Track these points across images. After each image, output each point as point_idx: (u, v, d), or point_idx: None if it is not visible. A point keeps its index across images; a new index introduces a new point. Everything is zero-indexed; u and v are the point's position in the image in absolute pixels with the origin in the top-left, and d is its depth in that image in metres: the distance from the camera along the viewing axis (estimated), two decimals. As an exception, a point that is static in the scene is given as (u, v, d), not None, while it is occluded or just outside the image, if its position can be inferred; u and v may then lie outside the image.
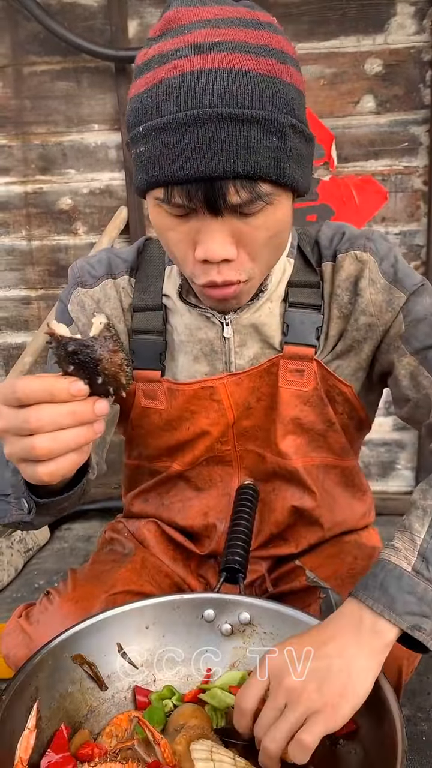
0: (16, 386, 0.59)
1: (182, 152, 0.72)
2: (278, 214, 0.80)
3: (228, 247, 0.78)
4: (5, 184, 2.23)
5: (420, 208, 2.13)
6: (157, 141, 0.74)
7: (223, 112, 0.71)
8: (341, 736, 0.74)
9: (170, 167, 0.74)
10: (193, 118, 0.71)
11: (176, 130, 0.72)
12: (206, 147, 0.72)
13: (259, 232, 0.79)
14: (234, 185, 0.73)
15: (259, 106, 0.72)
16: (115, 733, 0.78)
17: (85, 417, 0.60)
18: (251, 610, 0.86)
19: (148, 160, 0.76)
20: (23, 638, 0.94)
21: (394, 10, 1.99)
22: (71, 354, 0.59)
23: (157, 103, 0.74)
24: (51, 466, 0.61)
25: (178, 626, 0.87)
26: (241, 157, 0.72)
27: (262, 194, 0.75)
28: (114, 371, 0.60)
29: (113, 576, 1.02)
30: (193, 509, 1.09)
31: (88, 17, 2.07)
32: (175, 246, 0.82)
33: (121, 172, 2.17)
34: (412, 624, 0.72)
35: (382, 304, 0.94)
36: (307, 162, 0.82)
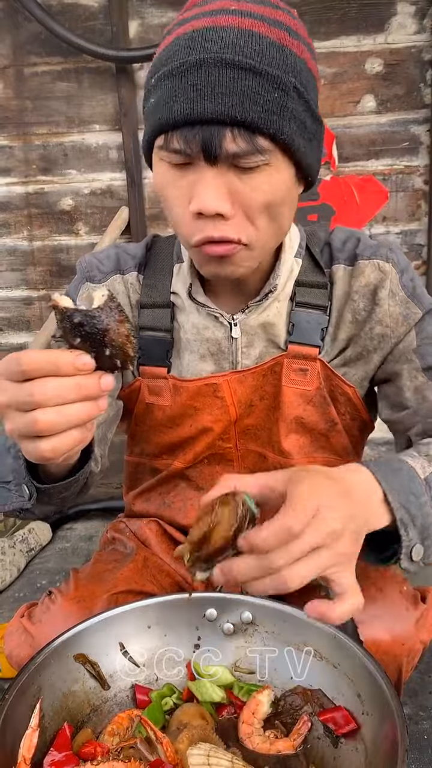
0: (21, 359, 0.57)
1: (184, 94, 0.74)
2: (277, 178, 0.79)
3: (222, 202, 0.77)
4: (7, 185, 2.23)
5: (421, 208, 2.13)
6: (165, 87, 0.76)
7: (228, 58, 0.72)
8: (343, 734, 0.74)
9: (171, 109, 0.75)
10: (198, 61, 0.73)
11: (182, 73, 0.74)
12: (207, 89, 0.73)
13: (256, 192, 0.78)
14: (232, 132, 0.74)
15: (264, 62, 0.73)
16: (117, 731, 0.78)
17: (90, 391, 0.59)
18: (253, 610, 0.86)
19: (155, 108, 0.78)
20: (26, 638, 0.94)
21: (394, 10, 1.99)
22: (77, 326, 0.57)
23: (171, 54, 0.76)
24: (53, 442, 0.59)
25: (180, 625, 0.87)
26: (240, 104, 0.73)
27: (259, 148, 0.75)
28: (121, 342, 0.59)
29: (115, 575, 1.02)
30: (195, 509, 1.10)
31: (88, 18, 2.07)
32: (173, 203, 0.82)
33: (122, 172, 2.17)
34: (401, 518, 0.73)
35: (399, 317, 0.95)
36: (312, 139, 0.81)
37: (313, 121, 0.80)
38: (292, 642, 0.83)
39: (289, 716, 0.80)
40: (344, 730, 0.74)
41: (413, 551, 0.75)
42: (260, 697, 0.81)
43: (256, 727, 0.80)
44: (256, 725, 0.80)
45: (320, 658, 0.80)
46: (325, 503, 0.63)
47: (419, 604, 0.94)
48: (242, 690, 0.84)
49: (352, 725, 0.74)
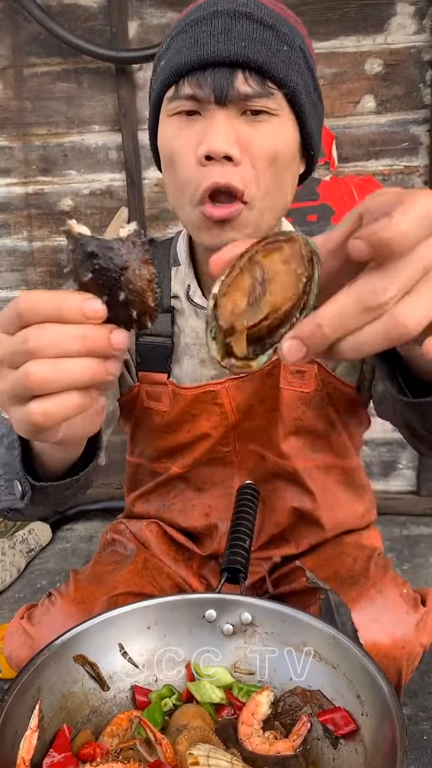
0: (19, 302, 0.48)
1: (197, 41, 0.77)
2: (283, 131, 0.81)
3: (232, 144, 0.78)
4: (6, 186, 2.23)
5: (420, 208, 2.12)
6: (177, 42, 0.79)
7: (241, 9, 0.77)
8: (342, 735, 0.74)
9: (185, 56, 0.78)
10: (211, 13, 0.77)
11: (194, 25, 0.78)
12: (221, 35, 0.76)
13: (263, 140, 0.80)
14: (243, 74, 0.77)
15: (274, 20, 0.78)
16: (117, 732, 0.78)
17: (97, 345, 0.47)
18: (252, 611, 0.86)
19: (166, 64, 0.81)
20: (25, 639, 0.94)
21: (394, 10, 1.99)
22: (89, 256, 0.46)
23: (181, 20, 0.81)
24: (47, 404, 0.48)
25: (180, 626, 0.87)
26: (252, 47, 0.76)
27: (269, 91, 0.78)
28: (141, 287, 0.48)
29: (115, 577, 1.02)
30: (195, 510, 1.10)
31: (88, 18, 2.07)
32: (179, 154, 0.82)
33: (122, 173, 2.17)
34: None
35: None
36: (314, 104, 0.85)
37: (315, 90, 0.85)
38: (292, 643, 0.83)
39: (289, 717, 0.79)
40: (343, 731, 0.74)
41: None
42: (260, 698, 0.81)
43: (255, 728, 0.80)
44: (255, 726, 0.80)
45: (320, 658, 0.80)
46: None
47: (419, 607, 0.94)
48: (242, 691, 0.84)
49: (352, 726, 0.74)
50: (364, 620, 0.90)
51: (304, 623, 0.82)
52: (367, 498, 1.17)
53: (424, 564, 1.96)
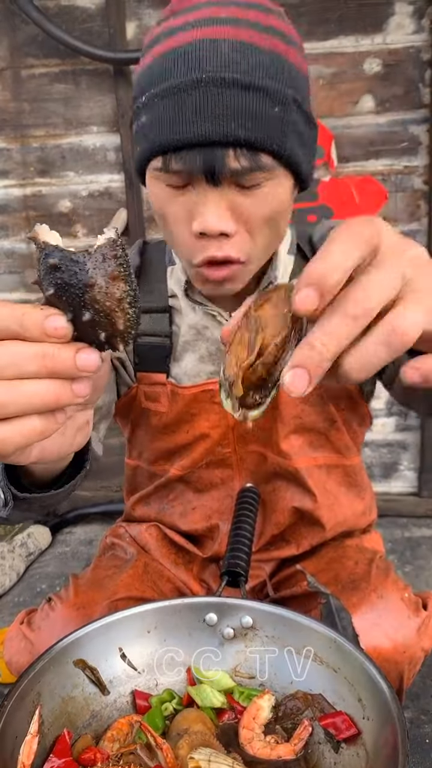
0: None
1: (182, 116, 0.71)
2: (279, 192, 0.78)
3: (226, 221, 0.76)
4: (4, 187, 2.23)
5: (420, 208, 2.12)
6: (159, 107, 0.73)
7: (226, 76, 0.70)
8: (344, 739, 0.74)
9: (170, 131, 0.72)
10: (195, 82, 0.70)
11: (178, 94, 0.71)
12: (207, 110, 0.70)
13: (258, 207, 0.77)
14: (234, 152, 0.72)
15: (262, 76, 0.71)
16: (117, 737, 0.78)
17: (59, 366, 0.43)
18: (253, 614, 0.85)
19: (149, 128, 0.75)
20: (25, 644, 0.94)
21: (392, 10, 1.99)
22: (53, 269, 0.41)
23: (161, 71, 0.73)
24: (5, 430, 0.44)
25: (180, 630, 0.87)
26: (242, 123, 0.71)
27: (262, 165, 0.74)
28: (108, 307, 0.42)
29: (115, 582, 1.01)
30: (196, 512, 1.09)
31: (86, 20, 2.07)
32: (174, 223, 0.80)
33: (121, 174, 2.17)
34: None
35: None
36: (309, 146, 0.80)
37: (308, 127, 0.80)
38: (293, 646, 0.83)
39: (290, 721, 0.79)
40: (345, 735, 0.73)
41: None
42: (261, 702, 0.80)
43: (256, 732, 0.79)
44: (256, 730, 0.79)
45: (320, 662, 0.80)
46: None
47: (420, 612, 0.93)
48: (242, 695, 0.83)
49: (353, 730, 0.73)
50: (365, 625, 0.90)
51: (305, 627, 0.81)
52: (367, 497, 1.16)
53: (426, 566, 1.96)
